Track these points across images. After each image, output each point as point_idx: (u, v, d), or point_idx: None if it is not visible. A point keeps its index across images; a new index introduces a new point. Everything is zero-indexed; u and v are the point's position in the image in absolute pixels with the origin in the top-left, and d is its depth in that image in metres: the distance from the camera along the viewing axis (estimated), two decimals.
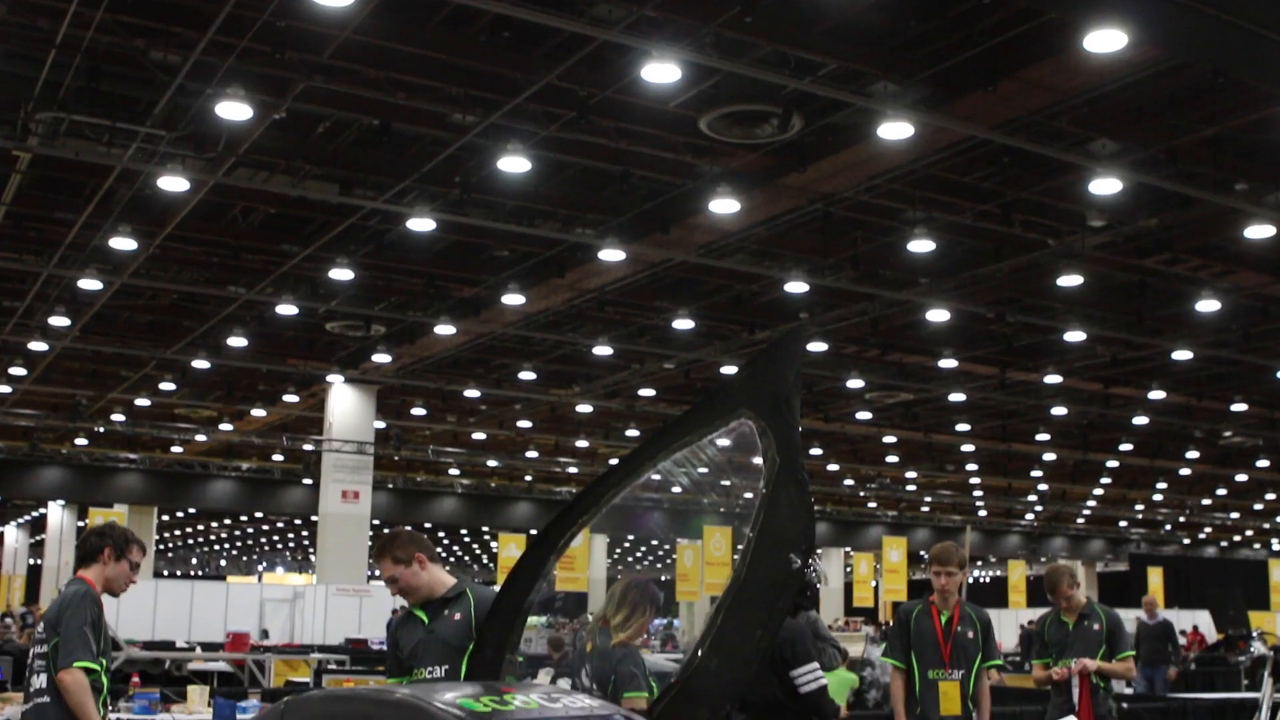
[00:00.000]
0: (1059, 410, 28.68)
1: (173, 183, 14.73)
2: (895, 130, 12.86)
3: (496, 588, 5.93)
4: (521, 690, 4.70)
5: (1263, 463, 37.07)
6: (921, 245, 16.47)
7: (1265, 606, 38.27)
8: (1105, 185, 14.33)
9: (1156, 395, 26.62)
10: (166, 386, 28.63)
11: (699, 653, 4.83)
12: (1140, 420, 29.82)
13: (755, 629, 4.72)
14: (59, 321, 21.81)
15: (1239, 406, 28.14)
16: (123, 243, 17.12)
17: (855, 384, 25.96)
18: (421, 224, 16.18)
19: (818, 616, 6.73)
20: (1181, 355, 22.80)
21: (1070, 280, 17.94)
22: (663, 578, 57.16)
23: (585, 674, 6.24)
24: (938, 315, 20.16)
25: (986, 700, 7.59)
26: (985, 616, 7.67)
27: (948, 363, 24.03)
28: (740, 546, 4.83)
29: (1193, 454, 35.70)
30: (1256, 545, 59.57)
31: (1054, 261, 17.49)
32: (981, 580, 62.37)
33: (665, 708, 4.86)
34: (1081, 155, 13.80)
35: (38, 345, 24.26)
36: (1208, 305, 19.35)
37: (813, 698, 6.67)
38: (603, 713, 4.83)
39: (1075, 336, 21.53)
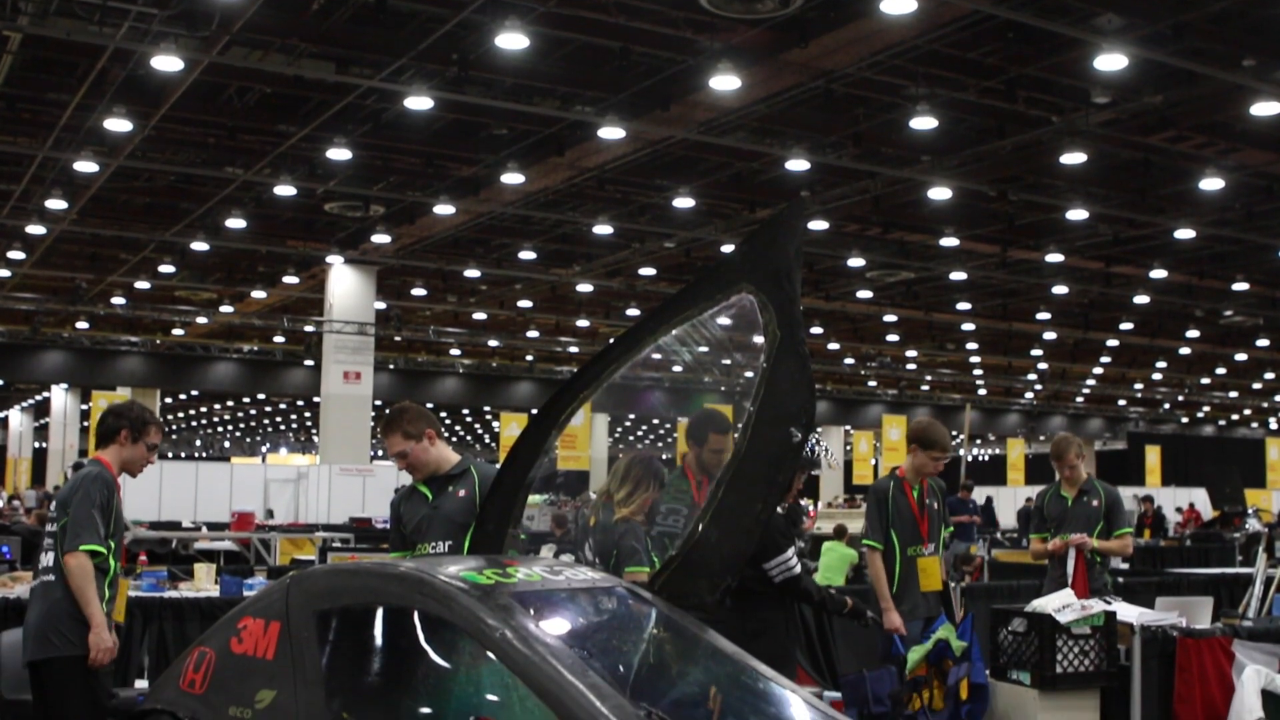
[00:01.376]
0: (1060, 289, 28.65)
1: (166, 62, 14.53)
2: (898, 4, 12.65)
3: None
4: (524, 563, 4.76)
5: (1262, 342, 37.12)
6: (924, 122, 16.30)
7: (1261, 484, 38.63)
8: (1110, 61, 14.13)
9: (1158, 274, 26.57)
10: (166, 269, 28.57)
11: (699, 526, 4.87)
12: (1141, 299, 29.80)
13: (755, 502, 4.76)
14: (56, 204, 21.69)
15: (1240, 286, 28.11)
16: (118, 124, 16.94)
17: (856, 262, 25.90)
18: (419, 102, 16.01)
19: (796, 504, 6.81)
20: (1184, 234, 22.71)
21: (1073, 158, 17.78)
22: (663, 456, 57.42)
23: (588, 548, 6.28)
24: (939, 193, 20.04)
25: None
26: (943, 485, 7.71)
27: (949, 241, 23.94)
28: (741, 422, 4.84)
29: (1193, 333, 35.76)
30: (1254, 424, 59.93)
31: (1057, 139, 17.33)
32: (980, 458, 62.83)
33: (666, 580, 4.92)
34: (1086, 30, 13.59)
35: (36, 229, 24.16)
36: (1211, 183, 19.22)
37: (789, 586, 6.59)
38: (605, 585, 4.89)
39: (1077, 215, 21.43)
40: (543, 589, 4.51)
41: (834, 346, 38.92)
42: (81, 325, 36.32)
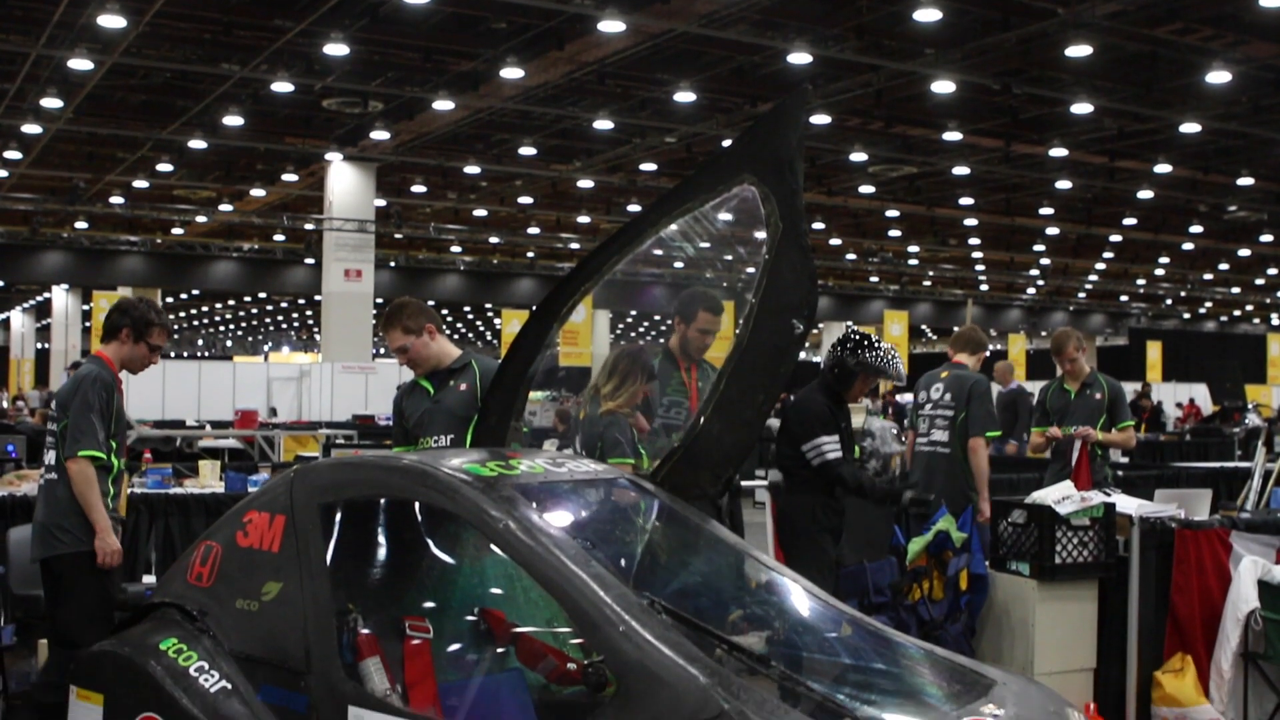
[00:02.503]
0: (1063, 184, 28.47)
1: None
2: None
3: None
4: (527, 456, 4.77)
5: (1266, 237, 37.00)
6: (927, 14, 16.08)
7: (1262, 380, 38.67)
8: None
9: (1162, 169, 26.38)
10: (164, 168, 28.40)
11: (701, 418, 4.88)
12: (1145, 194, 29.63)
13: (757, 394, 4.75)
14: (51, 103, 21.49)
15: (1245, 181, 27.92)
16: (111, 20, 16.71)
17: (858, 157, 25.72)
18: None
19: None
20: (1189, 128, 22.51)
21: (1079, 50, 17.56)
22: (654, 350, 57.23)
23: (578, 442, 6.33)
24: (943, 87, 19.83)
25: None
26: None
27: (952, 135, 23.75)
28: (743, 314, 4.82)
29: (1196, 228, 35.60)
30: (1256, 320, 59.89)
31: (1063, 31, 17.09)
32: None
33: (669, 472, 4.94)
34: None
35: (31, 128, 23.96)
36: (1218, 76, 18.99)
37: (825, 471, 6.77)
38: (607, 476, 4.91)
39: (1082, 109, 21.22)
40: (545, 481, 4.53)
41: (836, 242, 38.80)
42: (81, 225, 36.19)
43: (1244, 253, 40.18)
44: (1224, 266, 44.66)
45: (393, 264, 39.54)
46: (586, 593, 3.80)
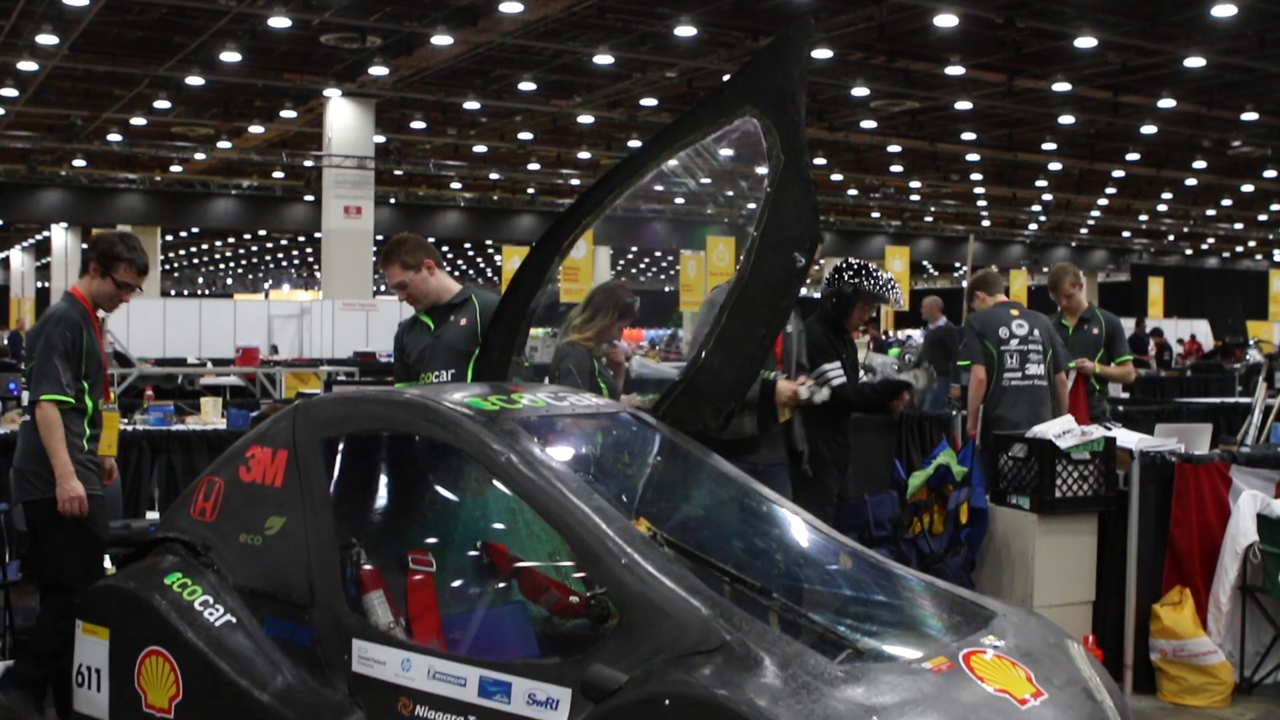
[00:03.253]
0: (1066, 119, 28.29)
1: None
2: None
3: None
4: (528, 390, 4.78)
5: (1270, 173, 36.80)
6: None
7: (1263, 316, 38.61)
8: None
9: (1166, 104, 26.20)
10: (162, 105, 28.21)
11: (703, 353, 4.88)
12: (1148, 129, 29.45)
13: (759, 328, 4.74)
14: (47, 40, 21.31)
15: (1249, 116, 27.73)
16: None
17: (860, 92, 25.54)
18: None
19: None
20: (1194, 62, 22.32)
21: None
22: (666, 289, 57.42)
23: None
24: (946, 20, 19.65)
25: None
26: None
27: (955, 70, 23.56)
28: (745, 247, 4.80)
29: (1200, 164, 35.42)
30: (1258, 256, 59.74)
31: None
32: None
33: (670, 406, 4.94)
34: None
35: (27, 65, 23.77)
36: (1223, 10, 18.81)
37: (837, 395, 6.71)
38: (609, 410, 4.92)
39: (1086, 42, 21.03)
40: (547, 414, 4.53)
41: (837, 177, 38.63)
42: (79, 163, 36.02)
43: (1247, 188, 39.98)
44: (1227, 202, 44.47)
45: (393, 201, 39.40)
46: (589, 525, 3.82)
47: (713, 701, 3.25)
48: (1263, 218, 48.01)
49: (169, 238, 52.50)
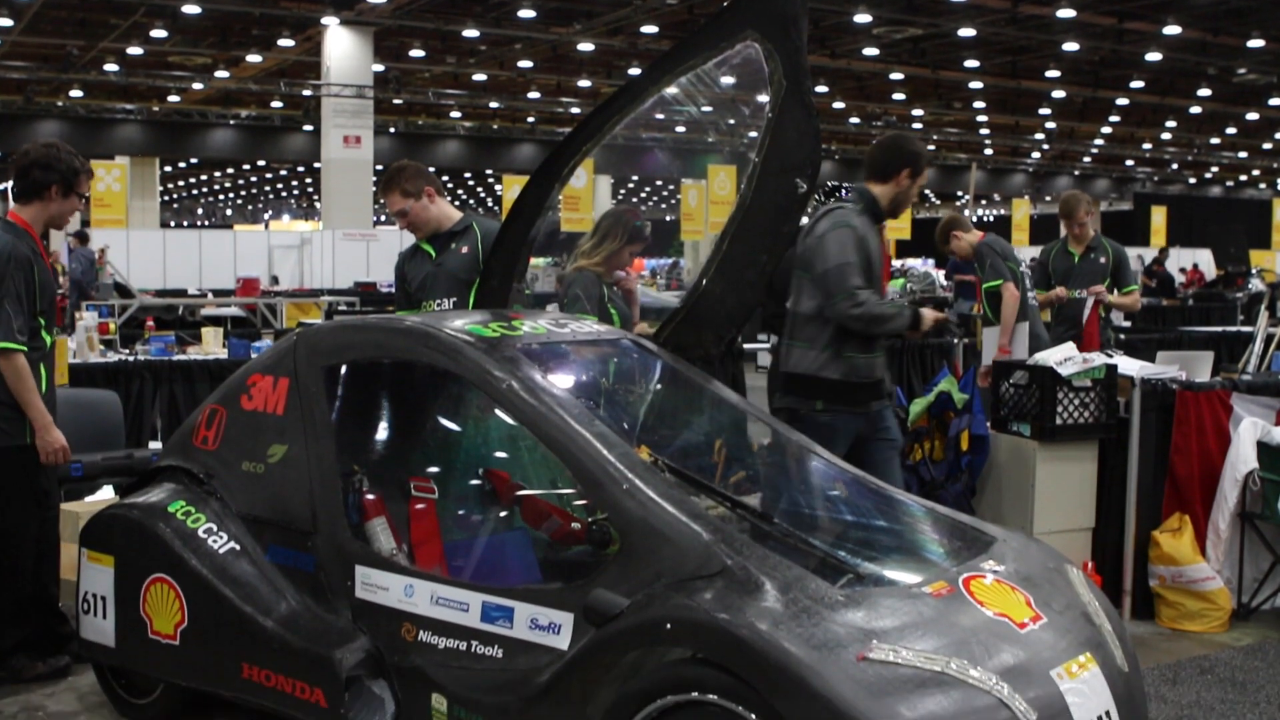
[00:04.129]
0: (1070, 46, 28.03)
1: None
2: None
3: None
4: (530, 317, 4.77)
5: (1275, 101, 36.54)
6: None
7: (1266, 245, 38.44)
8: None
9: (1171, 30, 25.95)
10: (158, 34, 27.97)
11: (704, 280, 4.86)
12: (1153, 56, 29.20)
13: (760, 254, 4.73)
14: None
15: (1255, 42, 27.48)
16: None
17: (863, 19, 25.29)
18: None
19: None
20: None
21: None
22: (667, 218, 57.18)
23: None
24: None
25: None
26: None
27: None
28: (746, 174, 4.77)
29: (1204, 92, 35.17)
30: (1262, 185, 59.46)
31: None
32: (985, 218, 62.62)
33: (672, 333, 4.93)
34: None
35: None
36: None
37: None
38: (610, 337, 4.91)
39: None
40: (548, 341, 4.53)
41: (839, 105, 38.37)
42: (75, 94, 35.77)
43: (1252, 116, 39.73)
44: (1231, 131, 44.19)
45: (392, 130, 39.19)
46: (590, 451, 3.82)
47: (713, 625, 3.28)
48: (1267, 146, 47.74)
49: (167, 169, 52.27)
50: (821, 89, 34.72)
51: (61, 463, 5.36)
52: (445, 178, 53.74)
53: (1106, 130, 44.50)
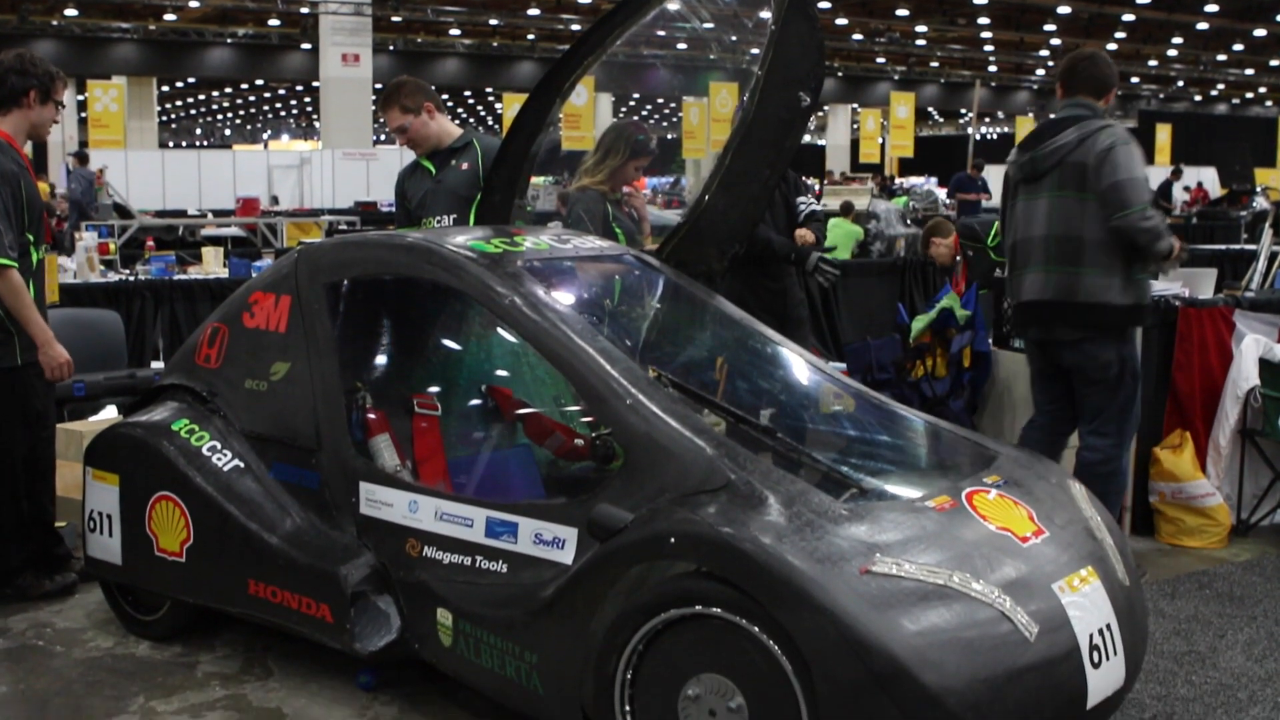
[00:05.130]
0: None
1: None
2: None
3: None
4: (531, 233, 4.75)
5: None
6: None
7: (1272, 164, 38.23)
8: None
9: None
10: None
11: (706, 195, 4.83)
12: None
13: (763, 168, 4.69)
14: None
15: None
16: None
17: None
18: None
19: None
20: None
21: None
22: (669, 136, 56.85)
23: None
24: None
25: None
26: None
27: None
28: (749, 87, 4.72)
29: (1211, 7, 34.78)
30: (1269, 103, 58.97)
31: None
32: (989, 136, 62.23)
33: (674, 248, 4.91)
34: None
35: None
36: None
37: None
38: (613, 253, 4.89)
39: None
40: (550, 257, 4.51)
41: (842, 22, 37.97)
42: (71, 12, 35.37)
43: (1259, 33, 39.31)
44: (1238, 47, 43.76)
45: (391, 48, 38.79)
46: (593, 367, 3.82)
47: (717, 539, 3.29)
48: (1274, 63, 47.26)
49: (165, 88, 51.84)
50: (824, 4, 34.33)
51: (66, 377, 5.30)
52: (445, 96, 53.11)
53: (1112, 47, 43.99)
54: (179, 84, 51.67)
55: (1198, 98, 57.37)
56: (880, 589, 3.17)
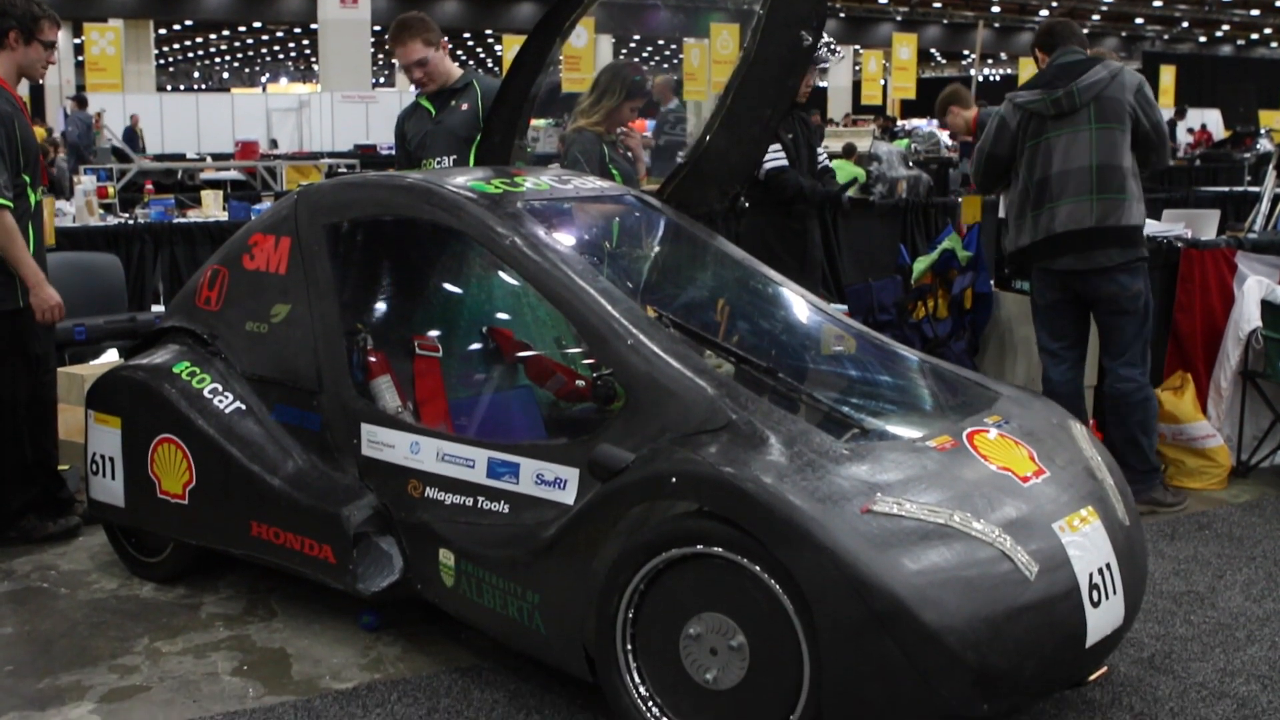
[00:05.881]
0: None
1: None
2: None
3: None
4: (532, 173, 4.72)
5: None
6: None
7: (1276, 106, 38.01)
8: None
9: None
10: None
11: (708, 136, 4.80)
12: None
13: (765, 109, 4.66)
14: None
15: None
16: None
17: None
18: None
19: None
20: None
21: None
22: (673, 78, 56.42)
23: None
24: None
25: None
26: None
27: None
28: (750, 26, 4.68)
29: None
30: (1274, 44, 58.56)
31: None
32: (992, 78, 61.85)
33: (675, 189, 4.89)
34: None
35: None
36: None
37: (771, 180, 6.53)
38: (614, 193, 4.87)
39: None
40: (551, 197, 4.49)
41: None
42: None
43: None
44: None
45: None
46: (594, 307, 3.81)
47: (718, 478, 3.29)
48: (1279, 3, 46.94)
49: (162, 31, 51.46)
50: None
51: (56, 320, 5.25)
52: (444, 38, 52.99)
53: None
54: (176, 27, 51.30)
55: (1202, 39, 56.98)
56: (881, 528, 3.18)
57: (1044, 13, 49.11)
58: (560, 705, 3.84)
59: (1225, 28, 55.01)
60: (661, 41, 56.36)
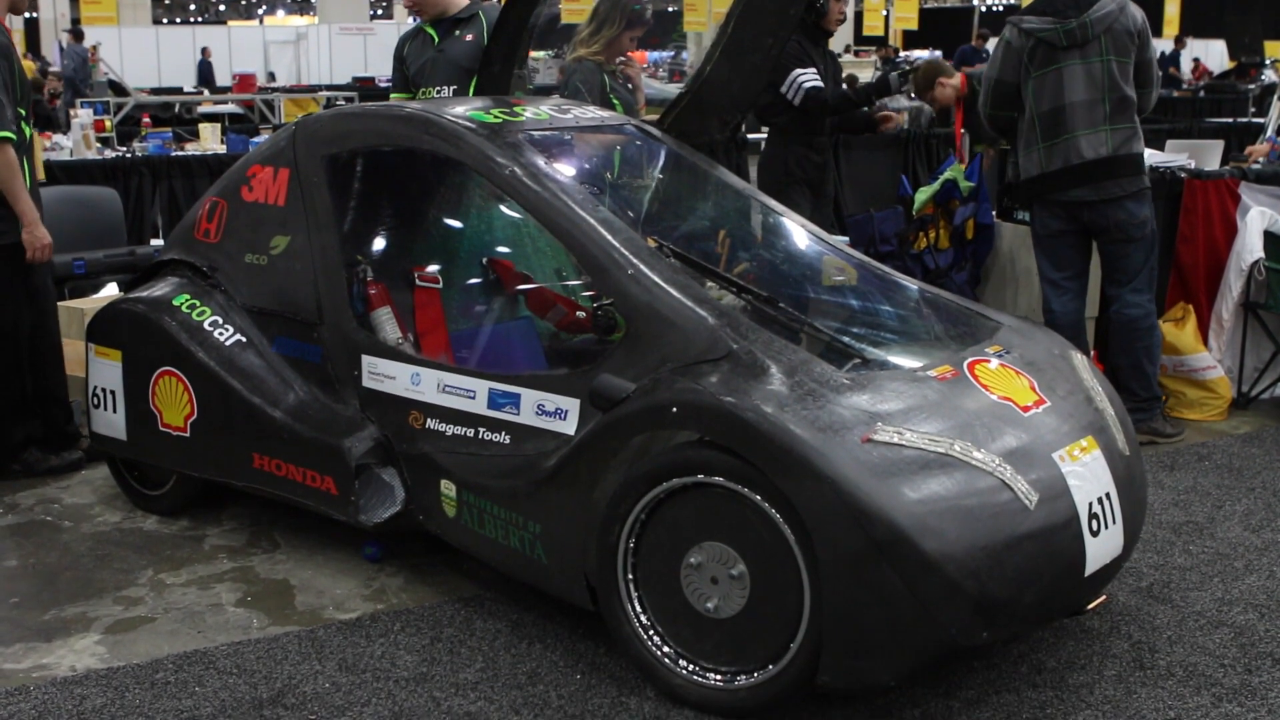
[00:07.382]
0: None
1: None
2: None
3: None
4: (532, 103, 4.69)
5: None
6: None
7: None
8: None
9: None
10: None
11: (708, 65, 4.75)
12: None
13: (766, 37, 4.61)
14: None
15: None
16: None
17: None
18: None
19: None
20: None
21: None
22: (669, 9, 56.02)
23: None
24: None
25: None
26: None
27: None
28: None
29: None
30: None
31: None
32: (994, 8, 61.21)
33: (676, 118, 4.85)
34: None
35: None
36: None
37: (808, 101, 6.68)
38: (614, 123, 4.84)
39: None
40: (551, 127, 4.46)
41: None
42: None
43: None
44: None
45: None
46: (595, 237, 3.79)
47: (719, 408, 3.29)
48: None
49: None
50: None
51: (45, 259, 5.21)
52: None
53: None
54: None
55: None
56: (881, 457, 3.18)
57: None
58: (562, 634, 3.86)
59: None
60: None
